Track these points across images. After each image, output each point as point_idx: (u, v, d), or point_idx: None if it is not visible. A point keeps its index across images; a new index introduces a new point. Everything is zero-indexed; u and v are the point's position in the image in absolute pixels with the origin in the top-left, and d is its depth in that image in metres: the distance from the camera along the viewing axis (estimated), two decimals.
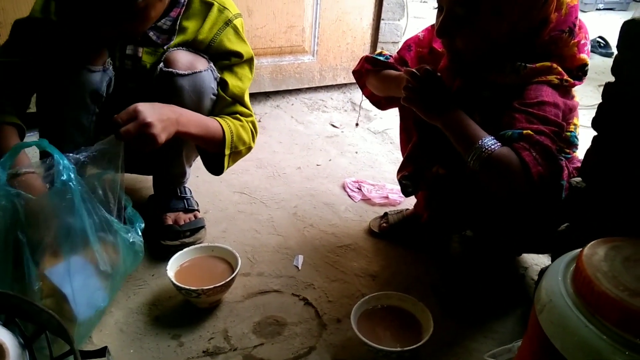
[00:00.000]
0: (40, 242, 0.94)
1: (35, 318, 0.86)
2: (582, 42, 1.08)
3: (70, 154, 1.00)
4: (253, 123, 1.34)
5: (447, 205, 1.24)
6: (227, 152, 1.27)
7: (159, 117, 1.07)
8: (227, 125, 1.25)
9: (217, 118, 1.26)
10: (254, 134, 1.34)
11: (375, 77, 1.31)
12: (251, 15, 2.22)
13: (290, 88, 2.51)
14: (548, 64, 1.04)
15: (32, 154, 1.44)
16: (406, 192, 1.27)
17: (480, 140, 1.00)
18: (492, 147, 0.98)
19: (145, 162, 1.38)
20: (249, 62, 1.32)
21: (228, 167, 1.31)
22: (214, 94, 1.26)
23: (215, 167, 1.33)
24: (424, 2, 5.73)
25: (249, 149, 1.35)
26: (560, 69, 1.04)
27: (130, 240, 1.10)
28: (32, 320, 0.86)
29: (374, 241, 1.49)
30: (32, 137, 1.39)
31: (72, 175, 0.95)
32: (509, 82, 1.06)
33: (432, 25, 1.30)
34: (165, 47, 1.21)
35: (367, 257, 1.42)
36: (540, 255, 1.41)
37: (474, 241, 1.33)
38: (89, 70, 1.14)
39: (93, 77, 1.15)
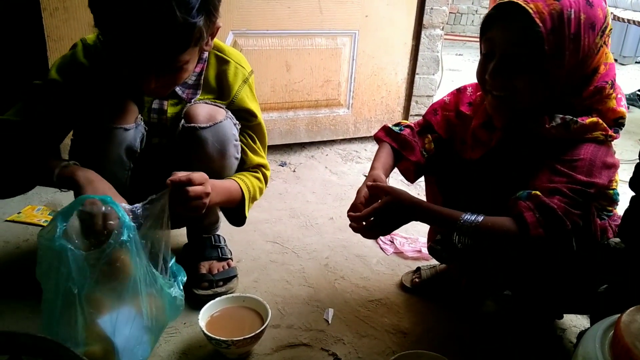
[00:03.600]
0: (92, 294, 0.98)
1: None
2: (619, 95, 1.09)
3: (128, 206, 1.04)
4: (265, 169, 1.43)
5: (483, 269, 1.22)
6: (246, 212, 1.36)
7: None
8: (245, 185, 1.33)
9: (237, 179, 1.33)
10: (266, 180, 1.43)
11: (375, 155, 1.32)
12: (289, 70, 2.31)
13: (325, 139, 2.57)
14: (595, 119, 1.03)
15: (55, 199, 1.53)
16: (440, 258, 1.27)
17: (460, 218, 1.01)
18: (475, 218, 1.00)
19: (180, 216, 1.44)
20: (260, 119, 1.39)
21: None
22: (236, 140, 1.32)
23: (235, 219, 1.41)
24: (460, 55, 5.81)
25: (262, 193, 1.44)
26: (604, 124, 1.03)
27: (173, 295, 1.13)
28: None
29: (406, 296, 1.46)
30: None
31: (132, 236, 0.99)
32: (556, 136, 1.04)
33: (457, 89, 1.32)
34: (190, 101, 1.27)
35: (398, 312, 1.40)
36: (580, 317, 1.36)
37: (511, 301, 1.30)
38: (124, 129, 1.20)
39: (127, 134, 1.21)
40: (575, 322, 1.36)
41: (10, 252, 1.55)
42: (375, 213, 1.09)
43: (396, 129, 1.32)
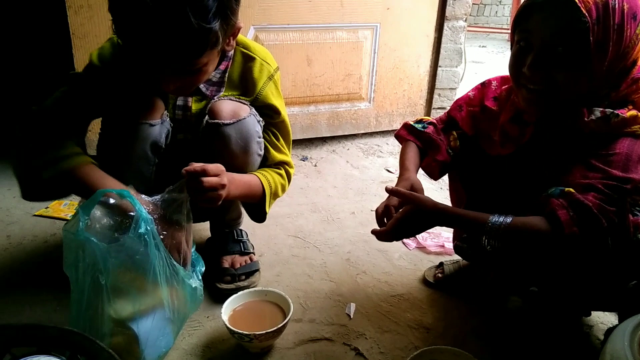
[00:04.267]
0: (114, 285, 0.99)
1: (97, 356, 0.90)
2: None
3: (146, 197, 1.06)
4: (289, 166, 1.42)
5: (510, 266, 1.20)
6: (267, 208, 1.36)
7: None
8: (266, 181, 1.33)
9: (258, 174, 1.33)
10: (289, 177, 1.43)
11: (401, 154, 1.30)
12: (310, 65, 2.30)
13: (346, 133, 2.56)
14: (634, 112, 0.99)
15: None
16: (467, 257, 1.25)
17: (488, 221, 0.98)
18: (504, 220, 0.96)
19: (202, 210, 1.44)
20: (284, 116, 1.39)
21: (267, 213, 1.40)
22: (259, 137, 1.32)
23: (256, 215, 1.42)
24: (483, 46, 5.72)
25: (285, 191, 1.43)
26: None
27: (193, 286, 1.14)
28: (93, 359, 0.90)
29: (429, 291, 1.45)
30: None
31: (149, 228, 1.01)
32: (594, 130, 1.01)
33: (482, 84, 1.28)
34: (214, 98, 1.28)
35: (421, 308, 1.39)
36: (607, 314, 1.33)
37: (537, 297, 1.27)
38: (150, 124, 1.21)
39: (153, 130, 1.22)
40: (602, 319, 1.33)
41: (39, 246, 1.59)
42: (398, 222, 1.07)
43: (419, 126, 1.30)
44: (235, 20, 1.12)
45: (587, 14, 0.93)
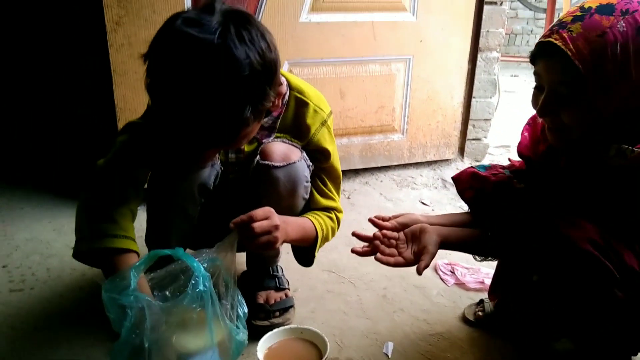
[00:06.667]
0: (166, 342, 0.98)
1: None
2: None
3: (201, 253, 1.04)
4: (337, 211, 1.41)
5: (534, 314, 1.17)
6: (316, 252, 1.35)
7: (280, 223, 1.13)
8: (319, 224, 1.32)
9: (311, 217, 1.32)
10: (339, 222, 1.42)
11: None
12: (343, 98, 2.31)
13: (379, 165, 2.54)
14: None
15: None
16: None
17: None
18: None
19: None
20: (335, 160, 1.38)
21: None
22: (307, 182, 1.32)
23: (304, 259, 1.41)
24: (515, 76, 5.67)
25: (334, 235, 1.42)
26: None
27: (241, 341, 1.10)
28: None
29: (469, 330, 1.40)
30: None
31: (207, 285, 0.98)
32: (615, 164, 1.00)
33: (532, 118, 1.27)
34: (262, 142, 1.28)
35: (461, 347, 1.33)
36: None
37: (589, 339, 1.21)
38: (199, 167, 1.22)
39: (202, 173, 1.23)
40: None
41: (77, 279, 1.61)
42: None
43: (482, 170, 1.28)
44: (274, 91, 1.06)
45: (580, 65, 0.95)
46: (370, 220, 1.21)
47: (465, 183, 1.29)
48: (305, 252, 1.38)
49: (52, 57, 2.56)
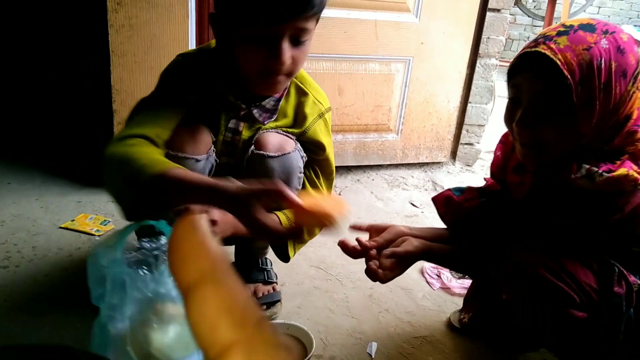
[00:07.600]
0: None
1: None
2: None
3: None
4: None
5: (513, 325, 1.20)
6: (290, 253, 1.37)
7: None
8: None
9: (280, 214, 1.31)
10: None
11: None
12: (341, 94, 2.31)
13: (372, 164, 2.55)
14: (624, 171, 0.96)
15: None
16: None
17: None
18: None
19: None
20: (330, 154, 1.39)
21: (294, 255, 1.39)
22: (300, 172, 1.32)
23: (282, 254, 1.41)
24: None
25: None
26: (635, 174, 0.96)
27: None
28: None
29: (452, 335, 1.42)
30: None
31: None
32: (582, 186, 1.00)
33: (504, 136, 1.28)
34: (264, 123, 1.28)
35: (444, 352, 1.35)
36: None
37: (569, 349, 1.23)
38: (196, 159, 1.21)
39: (198, 165, 1.22)
40: None
41: (63, 259, 1.59)
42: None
43: (457, 194, 1.31)
44: (314, 27, 1.16)
45: (569, 76, 0.94)
46: (358, 240, 1.18)
47: (442, 207, 1.32)
48: (280, 246, 1.38)
49: (48, 36, 2.52)
